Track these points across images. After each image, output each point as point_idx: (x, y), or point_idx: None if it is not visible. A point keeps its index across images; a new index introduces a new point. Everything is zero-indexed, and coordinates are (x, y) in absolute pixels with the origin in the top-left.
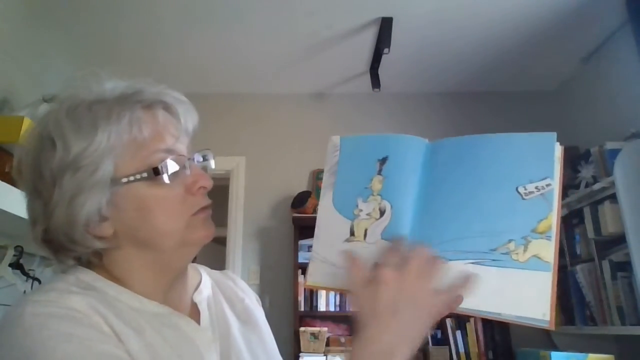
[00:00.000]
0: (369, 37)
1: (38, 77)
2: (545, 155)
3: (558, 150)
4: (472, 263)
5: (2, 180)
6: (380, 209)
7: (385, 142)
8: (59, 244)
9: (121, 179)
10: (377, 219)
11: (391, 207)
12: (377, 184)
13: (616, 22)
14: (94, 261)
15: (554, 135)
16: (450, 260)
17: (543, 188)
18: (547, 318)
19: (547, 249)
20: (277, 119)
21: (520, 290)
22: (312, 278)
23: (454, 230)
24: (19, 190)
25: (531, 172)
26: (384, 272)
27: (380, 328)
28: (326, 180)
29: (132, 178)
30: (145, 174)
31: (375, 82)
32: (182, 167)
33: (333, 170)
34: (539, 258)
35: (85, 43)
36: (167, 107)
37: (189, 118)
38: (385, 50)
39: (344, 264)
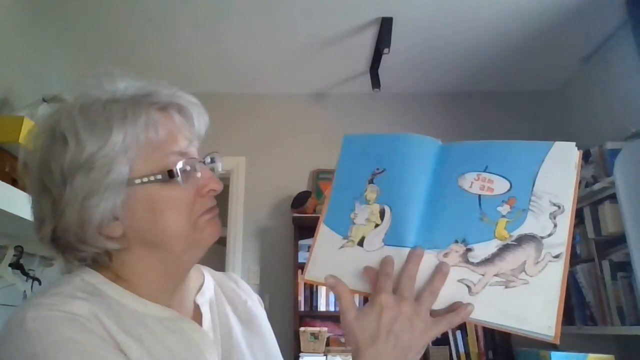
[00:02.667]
0: (369, 37)
1: (38, 77)
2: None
3: (575, 155)
4: None
5: (2, 180)
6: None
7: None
8: (67, 244)
9: (135, 180)
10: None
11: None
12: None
13: (616, 22)
14: (101, 261)
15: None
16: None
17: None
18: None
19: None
20: (277, 119)
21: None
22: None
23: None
24: (19, 190)
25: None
26: (383, 297)
27: (379, 353)
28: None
29: (145, 179)
30: (159, 176)
31: (375, 82)
32: (194, 169)
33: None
34: None
35: (85, 43)
36: (181, 110)
37: (201, 121)
38: (385, 50)
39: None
